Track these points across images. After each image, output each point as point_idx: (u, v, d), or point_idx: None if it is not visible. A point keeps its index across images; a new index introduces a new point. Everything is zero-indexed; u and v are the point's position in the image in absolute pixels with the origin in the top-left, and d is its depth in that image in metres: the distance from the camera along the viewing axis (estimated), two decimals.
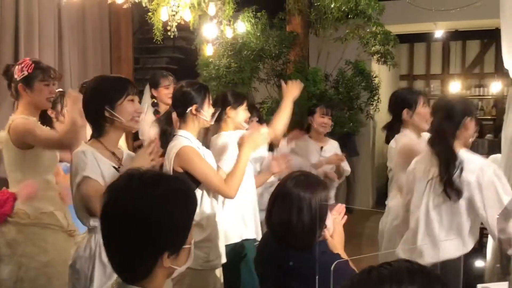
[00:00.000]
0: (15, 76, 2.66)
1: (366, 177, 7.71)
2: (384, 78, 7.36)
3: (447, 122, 2.50)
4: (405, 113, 3.00)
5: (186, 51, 7.42)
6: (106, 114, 2.09)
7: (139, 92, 2.28)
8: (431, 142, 2.52)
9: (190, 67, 6.15)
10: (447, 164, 2.45)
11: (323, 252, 2.05)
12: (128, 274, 1.31)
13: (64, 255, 2.65)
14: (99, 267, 2.08)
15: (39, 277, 2.65)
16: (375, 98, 5.19)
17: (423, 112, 3.03)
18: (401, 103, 3.07)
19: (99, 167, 2.05)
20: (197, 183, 2.47)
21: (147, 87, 3.92)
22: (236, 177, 2.52)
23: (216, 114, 2.77)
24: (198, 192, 2.49)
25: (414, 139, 2.99)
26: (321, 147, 4.16)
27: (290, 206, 2.08)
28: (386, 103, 3.27)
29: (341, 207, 2.20)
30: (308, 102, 4.76)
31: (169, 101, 3.84)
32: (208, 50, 5.02)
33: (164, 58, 7.82)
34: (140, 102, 2.41)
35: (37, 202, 2.68)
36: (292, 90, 3.77)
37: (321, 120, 4.06)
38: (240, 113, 3.00)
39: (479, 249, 2.99)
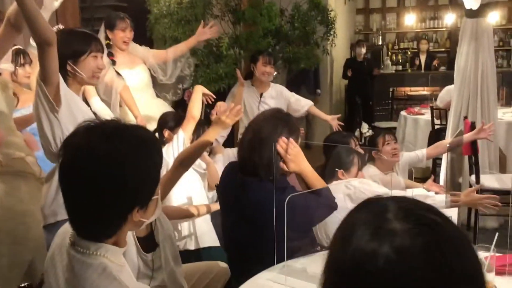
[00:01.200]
0: None
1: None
2: (340, 12, 7.28)
3: None
4: None
5: None
6: (68, 68, 2.11)
7: (103, 48, 2.26)
8: None
9: (140, 3, 5.88)
10: None
11: (283, 188, 2.06)
12: (92, 234, 1.24)
13: (39, 203, 2.61)
14: None
15: (18, 228, 2.58)
16: (331, 32, 5.11)
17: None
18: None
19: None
20: None
21: (102, 28, 3.75)
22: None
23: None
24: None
25: None
26: (261, 94, 4.17)
27: (258, 139, 2.08)
28: (342, 37, 3.24)
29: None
30: (263, 39, 4.65)
31: (124, 46, 3.72)
32: None
33: None
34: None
35: (6, 148, 2.57)
36: (203, 33, 3.86)
37: (263, 69, 4.06)
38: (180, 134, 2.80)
39: None
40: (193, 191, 2.82)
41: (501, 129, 4.93)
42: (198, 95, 2.75)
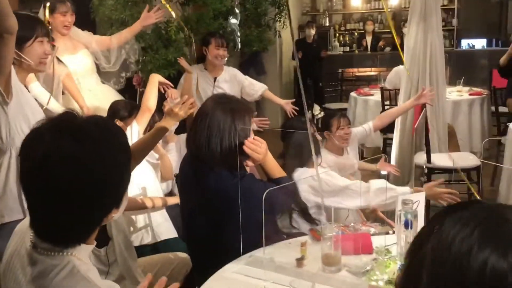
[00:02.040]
0: None
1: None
2: None
3: None
4: None
5: None
6: (14, 55, 1.94)
7: (49, 32, 2.13)
8: None
9: None
10: None
11: (241, 175, 2.02)
12: (61, 239, 1.14)
13: None
14: None
15: None
16: (283, 14, 5.06)
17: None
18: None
19: None
20: None
21: (41, 12, 3.53)
22: None
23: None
24: None
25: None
26: (215, 78, 4.10)
27: (211, 127, 2.02)
28: (293, 18, 3.17)
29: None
30: (214, 20, 4.54)
31: (65, 31, 3.52)
32: None
33: None
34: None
35: None
36: (148, 18, 3.75)
37: (216, 52, 3.98)
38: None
39: None
40: (146, 182, 2.72)
41: (448, 108, 5.07)
42: (154, 85, 2.62)
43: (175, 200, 2.77)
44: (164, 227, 2.74)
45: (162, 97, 2.95)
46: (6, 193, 2.02)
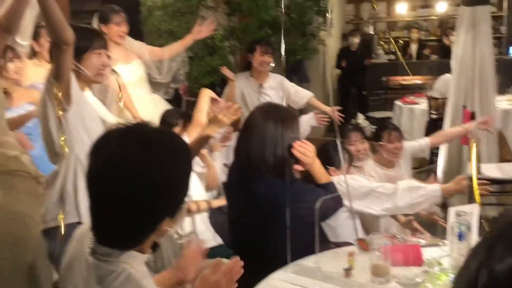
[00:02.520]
0: None
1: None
2: (332, 1, 7.20)
3: None
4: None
5: None
6: (72, 66, 2.02)
7: (106, 44, 2.18)
8: None
9: None
10: None
11: (291, 181, 2.03)
12: (118, 243, 1.17)
13: (37, 203, 2.55)
14: (82, 182, 2.04)
15: (17, 228, 2.52)
16: (328, 23, 5.05)
17: None
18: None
19: None
20: None
21: (95, 22, 3.64)
22: None
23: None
24: None
25: None
26: (260, 84, 4.12)
27: (262, 138, 2.03)
28: (334, 27, 3.16)
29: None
30: (259, 30, 4.58)
31: (119, 40, 3.62)
32: None
33: None
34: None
35: (0, 148, 2.50)
36: (200, 32, 3.79)
37: (262, 59, 4.01)
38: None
39: None
40: (192, 190, 2.75)
41: (497, 117, 4.92)
42: (205, 100, 2.65)
43: (219, 202, 2.80)
44: (207, 235, 2.77)
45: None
46: (63, 197, 2.09)
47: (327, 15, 5.02)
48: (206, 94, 2.64)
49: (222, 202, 2.79)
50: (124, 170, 1.11)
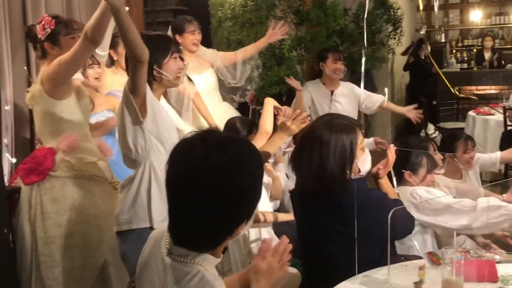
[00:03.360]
0: (39, 36, 2.58)
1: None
2: (403, 9, 7.07)
3: None
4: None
5: None
6: (155, 73, 2.12)
7: (180, 49, 2.30)
8: None
9: (202, 7, 5.92)
10: None
11: (361, 189, 2.01)
12: (196, 245, 1.23)
13: (112, 207, 2.68)
14: (156, 188, 2.13)
15: (91, 231, 2.65)
16: (398, 31, 4.97)
17: None
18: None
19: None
20: None
21: (169, 33, 3.77)
22: None
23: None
24: None
25: None
26: (332, 91, 4.11)
27: (321, 150, 2.03)
28: (406, 35, 3.04)
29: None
30: (328, 39, 4.57)
31: (194, 48, 3.74)
32: None
33: None
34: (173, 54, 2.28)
35: (79, 153, 2.65)
36: (274, 35, 3.81)
37: (334, 66, 4.01)
38: None
39: None
40: None
41: None
42: (270, 109, 2.67)
43: (286, 217, 2.80)
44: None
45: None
46: (137, 202, 2.18)
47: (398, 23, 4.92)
48: (270, 103, 2.67)
49: (289, 217, 2.79)
50: (206, 175, 1.16)
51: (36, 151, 2.67)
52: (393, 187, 2.37)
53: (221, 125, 3.63)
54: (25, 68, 3.57)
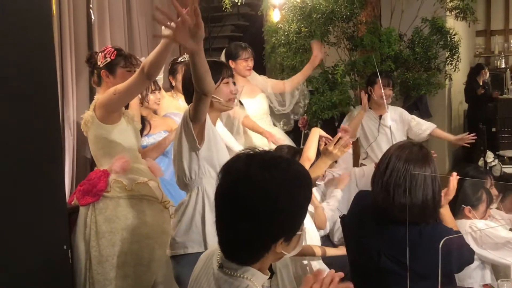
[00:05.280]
0: (98, 63, 2.74)
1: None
2: (460, 34, 6.93)
3: None
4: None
5: (251, 18, 7.29)
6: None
7: (232, 73, 2.34)
8: None
9: (256, 34, 6.04)
10: None
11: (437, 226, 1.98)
12: (239, 257, 1.28)
13: (162, 226, 2.75)
14: (209, 213, 2.18)
15: (143, 250, 2.73)
16: (455, 57, 4.86)
17: None
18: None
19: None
20: None
21: (222, 58, 3.89)
22: None
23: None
24: None
25: None
26: (380, 116, 4.08)
27: (406, 179, 1.94)
28: (462, 60, 2.97)
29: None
30: (382, 64, 4.54)
31: (248, 73, 3.83)
32: (275, 16, 4.87)
33: (229, 26, 7.72)
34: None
35: (131, 174, 2.75)
36: (316, 58, 3.83)
37: (381, 92, 3.97)
38: None
39: None
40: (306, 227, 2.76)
41: None
42: (315, 137, 2.67)
43: (334, 251, 2.77)
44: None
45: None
46: (191, 227, 2.23)
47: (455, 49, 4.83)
48: (316, 132, 2.68)
49: (337, 251, 2.75)
50: (247, 189, 1.22)
51: (91, 174, 2.79)
52: None
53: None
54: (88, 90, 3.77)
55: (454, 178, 2.14)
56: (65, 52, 3.72)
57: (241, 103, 3.69)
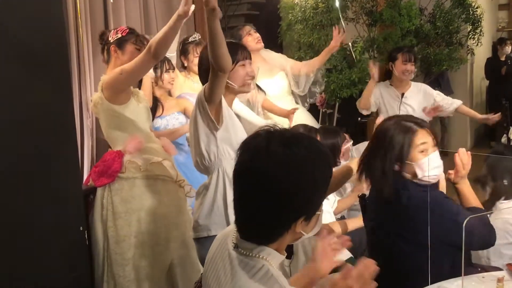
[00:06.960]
0: (109, 39, 2.71)
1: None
2: (483, 7, 6.74)
3: None
4: None
5: None
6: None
7: (250, 55, 2.25)
8: None
9: (272, 11, 5.94)
10: None
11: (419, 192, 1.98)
12: (256, 236, 1.25)
13: (178, 205, 2.73)
14: (231, 194, 2.13)
15: (160, 229, 2.74)
16: (477, 31, 4.72)
17: None
18: None
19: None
20: None
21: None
22: None
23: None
24: None
25: None
26: (402, 94, 3.97)
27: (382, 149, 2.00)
28: (487, 35, 2.90)
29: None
30: (402, 39, 4.43)
31: (260, 45, 3.75)
32: None
33: (245, 4, 7.61)
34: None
35: (145, 154, 2.74)
36: (335, 45, 3.72)
37: (404, 67, 3.85)
38: None
39: None
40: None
41: None
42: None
43: (358, 222, 2.73)
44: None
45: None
46: (213, 209, 2.20)
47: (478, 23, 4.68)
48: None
49: (360, 221, 2.72)
50: (266, 165, 1.18)
51: (106, 155, 2.78)
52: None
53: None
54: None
55: (459, 154, 2.06)
56: (81, 33, 3.69)
57: (258, 87, 3.60)
